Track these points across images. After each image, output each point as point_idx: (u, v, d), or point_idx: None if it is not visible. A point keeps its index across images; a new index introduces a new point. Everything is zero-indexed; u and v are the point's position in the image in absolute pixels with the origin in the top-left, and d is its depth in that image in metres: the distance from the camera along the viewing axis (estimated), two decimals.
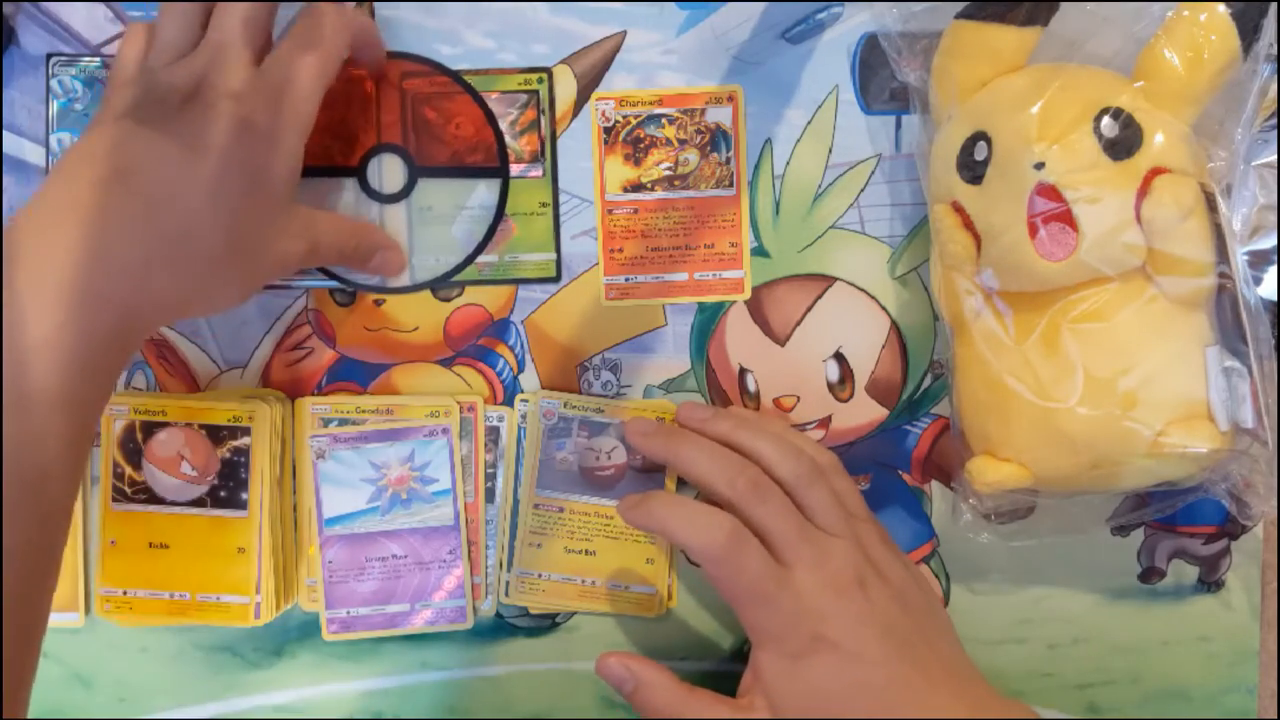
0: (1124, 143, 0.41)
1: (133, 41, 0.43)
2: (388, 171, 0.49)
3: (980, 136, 0.43)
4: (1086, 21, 0.44)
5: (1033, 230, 0.41)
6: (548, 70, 0.49)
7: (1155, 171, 0.41)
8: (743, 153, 0.49)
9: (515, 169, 0.49)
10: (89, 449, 0.40)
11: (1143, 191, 0.40)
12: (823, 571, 0.42)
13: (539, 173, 0.49)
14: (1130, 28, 0.43)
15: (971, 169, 0.43)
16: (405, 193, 0.49)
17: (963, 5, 0.44)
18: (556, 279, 0.49)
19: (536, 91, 0.49)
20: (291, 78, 0.42)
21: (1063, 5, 0.43)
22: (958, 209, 0.44)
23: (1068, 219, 0.40)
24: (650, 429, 0.48)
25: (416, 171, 0.49)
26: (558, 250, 0.49)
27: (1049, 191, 0.41)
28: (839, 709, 0.41)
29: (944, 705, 0.42)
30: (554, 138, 0.49)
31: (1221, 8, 0.40)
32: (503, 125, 0.49)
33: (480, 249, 0.49)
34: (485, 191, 0.49)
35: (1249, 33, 0.40)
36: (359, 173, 0.49)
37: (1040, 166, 0.40)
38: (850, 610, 0.42)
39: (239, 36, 0.42)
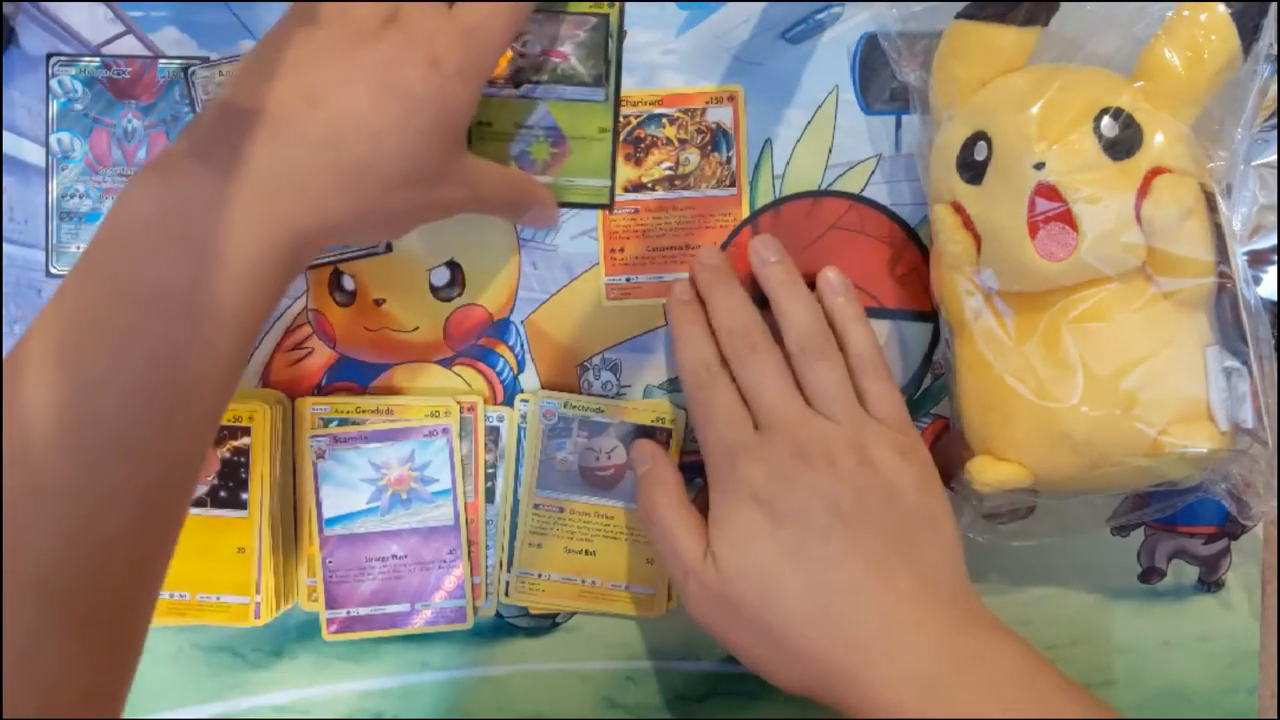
0: (1124, 143, 0.40)
1: None
2: None
3: (980, 136, 0.43)
4: (1086, 21, 0.44)
5: (1033, 230, 0.41)
6: (620, 2, 0.48)
7: (1155, 171, 0.40)
8: (743, 152, 0.49)
9: (577, 91, 0.48)
10: (243, 366, 0.39)
11: (1143, 191, 0.40)
12: (789, 439, 0.42)
13: (600, 97, 0.49)
14: (1130, 28, 0.43)
15: (971, 169, 0.43)
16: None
17: (963, 5, 0.44)
18: (608, 206, 0.49)
19: (607, 16, 0.48)
20: (480, 24, 0.41)
21: (1063, 5, 0.43)
22: (958, 209, 0.44)
23: (1068, 219, 0.40)
24: (711, 261, 0.48)
25: None
26: (612, 177, 0.49)
27: (1049, 191, 0.41)
28: (775, 579, 0.40)
29: (902, 612, 0.40)
30: (619, 62, 0.48)
31: (1221, 8, 0.40)
32: (568, 46, 0.48)
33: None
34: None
35: (1249, 33, 0.40)
36: None
37: (1040, 166, 0.40)
38: (805, 479, 0.41)
39: None
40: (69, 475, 0.35)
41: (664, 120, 0.49)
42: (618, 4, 0.48)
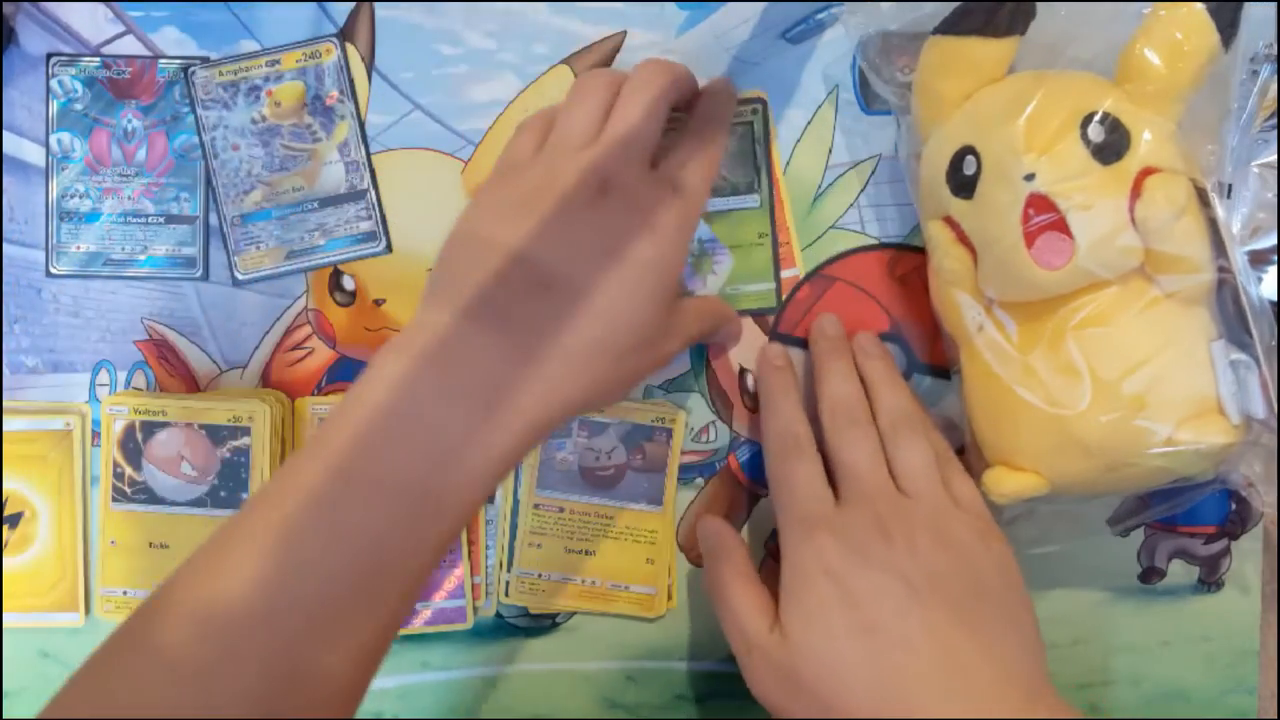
0: (1112, 146, 0.40)
1: (531, 130, 0.43)
2: None
3: (968, 151, 0.42)
4: (1065, 25, 0.43)
5: (1029, 241, 0.40)
6: (763, 100, 0.49)
7: (1146, 172, 0.40)
8: (776, 154, 0.49)
9: (731, 201, 0.48)
10: (449, 544, 0.38)
11: (1135, 193, 0.40)
12: (872, 512, 0.41)
13: (754, 203, 0.49)
14: (1108, 29, 0.42)
15: (962, 184, 0.42)
16: None
17: (940, 20, 0.43)
18: (776, 308, 0.49)
19: (751, 123, 0.49)
20: (687, 179, 0.42)
21: (1040, 13, 0.42)
22: (951, 224, 0.44)
23: (1062, 227, 0.40)
24: (833, 332, 0.48)
25: None
26: (777, 279, 0.49)
27: (1041, 202, 0.40)
28: (844, 657, 0.39)
29: (974, 703, 0.38)
30: (770, 168, 0.49)
31: (1199, 6, 0.40)
32: None
33: None
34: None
35: (1226, 25, 0.40)
36: None
37: (1031, 178, 0.40)
38: (883, 556, 0.40)
39: (644, 134, 0.41)
40: (262, 651, 0.34)
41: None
42: (762, 109, 0.48)
